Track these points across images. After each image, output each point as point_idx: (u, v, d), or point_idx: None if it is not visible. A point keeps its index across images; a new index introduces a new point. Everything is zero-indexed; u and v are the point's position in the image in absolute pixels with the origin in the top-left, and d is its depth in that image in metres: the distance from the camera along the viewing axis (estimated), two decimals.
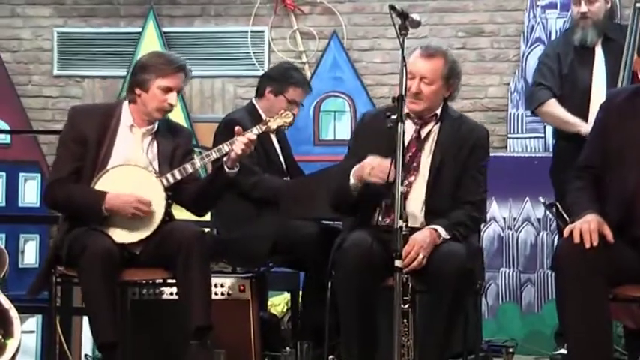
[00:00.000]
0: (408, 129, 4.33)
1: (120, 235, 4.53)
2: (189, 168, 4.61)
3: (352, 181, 4.28)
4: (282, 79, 5.51)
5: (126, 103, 4.74)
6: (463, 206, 4.36)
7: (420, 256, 4.11)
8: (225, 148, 4.58)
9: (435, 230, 4.21)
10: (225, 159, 4.58)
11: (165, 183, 4.58)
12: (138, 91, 4.66)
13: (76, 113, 4.76)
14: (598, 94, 5.46)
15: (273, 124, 4.69)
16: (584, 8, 5.63)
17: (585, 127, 5.25)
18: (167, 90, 4.63)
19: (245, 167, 5.11)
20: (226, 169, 4.58)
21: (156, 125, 4.73)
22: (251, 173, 5.22)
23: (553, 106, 5.66)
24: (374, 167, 4.18)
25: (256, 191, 5.27)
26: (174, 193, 4.68)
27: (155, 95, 4.63)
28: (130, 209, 4.48)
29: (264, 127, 4.66)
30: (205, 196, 4.73)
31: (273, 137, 5.47)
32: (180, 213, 4.84)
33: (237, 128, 4.57)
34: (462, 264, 4.12)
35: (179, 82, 4.67)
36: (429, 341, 4.15)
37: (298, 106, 5.55)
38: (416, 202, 4.36)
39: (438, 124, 4.47)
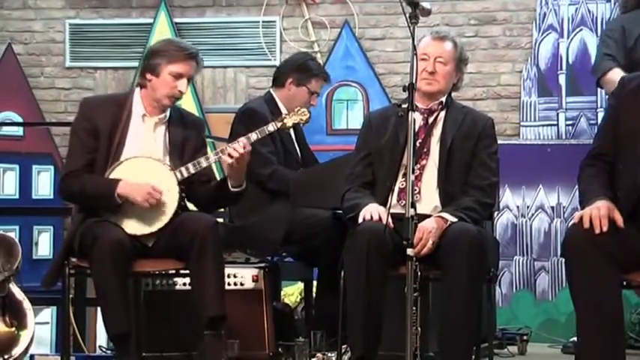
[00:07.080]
0: (416, 119, 4.33)
1: (132, 227, 4.50)
2: (203, 162, 4.56)
3: (360, 218, 4.26)
4: (304, 70, 5.52)
5: (137, 91, 4.71)
6: (472, 191, 4.38)
7: (430, 242, 4.14)
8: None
9: (442, 217, 4.24)
10: (229, 179, 4.55)
11: (179, 176, 4.55)
12: (149, 76, 4.63)
13: (86, 105, 4.74)
14: None
15: (289, 121, 4.64)
16: None
17: None
18: (178, 76, 4.60)
19: (262, 156, 5.12)
20: (230, 187, 4.57)
21: (168, 113, 4.70)
22: (267, 163, 5.23)
23: (617, 75, 5.55)
24: (372, 214, 4.21)
25: (272, 182, 5.27)
26: (188, 193, 4.66)
27: (165, 81, 4.60)
28: (142, 195, 4.44)
29: (279, 124, 4.62)
30: (213, 202, 4.77)
31: None
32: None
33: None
34: (473, 238, 4.12)
35: (190, 69, 4.64)
36: (454, 325, 4.13)
37: (317, 97, 5.60)
38: (429, 186, 4.39)
39: (444, 111, 4.50)
